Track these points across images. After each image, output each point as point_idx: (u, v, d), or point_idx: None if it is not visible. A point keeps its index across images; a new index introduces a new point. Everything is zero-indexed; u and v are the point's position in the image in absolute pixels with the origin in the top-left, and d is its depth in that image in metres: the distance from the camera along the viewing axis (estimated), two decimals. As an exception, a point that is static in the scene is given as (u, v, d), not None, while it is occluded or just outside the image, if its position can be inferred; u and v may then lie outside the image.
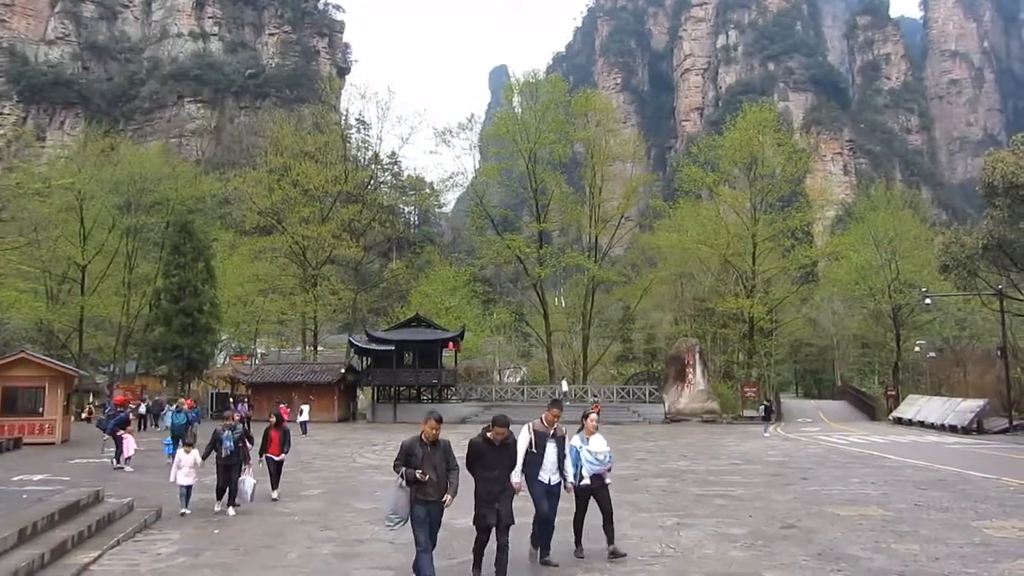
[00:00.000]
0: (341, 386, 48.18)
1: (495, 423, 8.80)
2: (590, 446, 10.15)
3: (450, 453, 8.45)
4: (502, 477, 8.80)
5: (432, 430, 8.23)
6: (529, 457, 9.51)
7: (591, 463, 10.07)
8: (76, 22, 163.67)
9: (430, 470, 8.13)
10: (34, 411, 28.98)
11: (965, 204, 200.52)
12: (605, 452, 10.23)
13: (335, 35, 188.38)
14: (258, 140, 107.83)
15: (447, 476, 8.35)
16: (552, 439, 9.72)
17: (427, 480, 8.09)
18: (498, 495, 8.69)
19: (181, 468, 13.78)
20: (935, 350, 59.01)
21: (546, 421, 9.82)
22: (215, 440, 14.09)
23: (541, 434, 9.70)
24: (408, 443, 8.31)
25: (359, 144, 78.56)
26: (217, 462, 14.07)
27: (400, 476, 8.12)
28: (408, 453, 8.22)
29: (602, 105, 66.92)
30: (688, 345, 50.14)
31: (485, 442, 8.77)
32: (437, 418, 8.29)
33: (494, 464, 8.73)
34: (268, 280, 60.06)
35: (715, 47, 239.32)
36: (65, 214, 49.79)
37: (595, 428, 10.41)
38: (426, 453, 8.20)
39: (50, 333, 51.95)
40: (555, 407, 9.99)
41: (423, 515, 8.18)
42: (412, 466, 8.11)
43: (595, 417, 10.63)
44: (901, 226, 57.45)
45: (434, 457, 8.24)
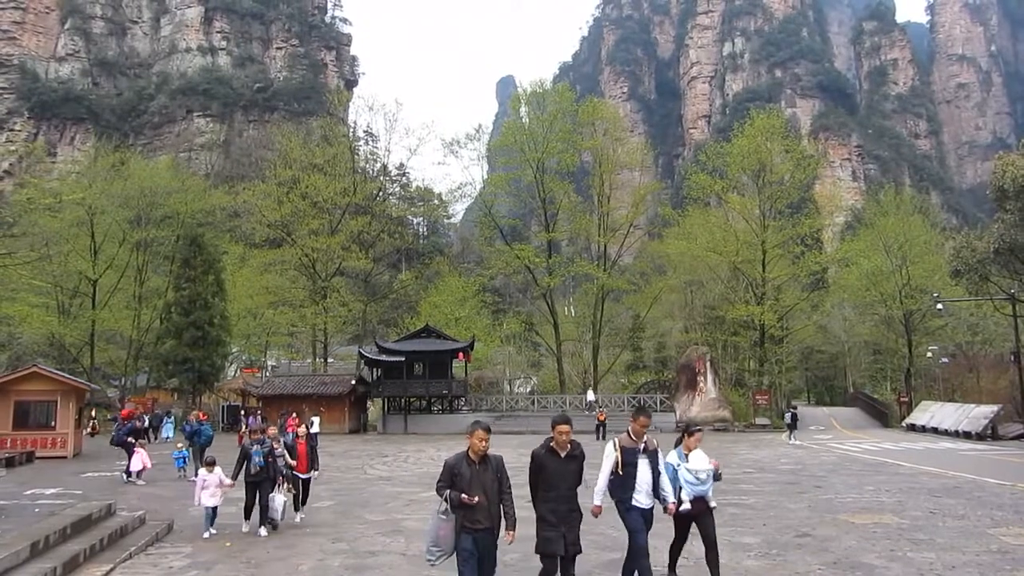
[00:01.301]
0: (351, 398, 48.19)
1: (558, 422, 7.56)
2: (690, 463, 8.90)
3: (503, 471, 7.24)
4: (569, 496, 7.53)
5: (481, 443, 7.06)
6: (617, 479, 8.21)
7: (691, 483, 8.79)
8: (86, 39, 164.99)
9: (479, 492, 6.94)
10: (46, 425, 29.05)
11: (975, 208, 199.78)
12: (707, 470, 8.90)
13: (342, 48, 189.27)
14: (267, 153, 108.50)
15: (500, 499, 7.13)
16: (644, 455, 8.29)
17: (476, 504, 6.90)
18: (565, 517, 7.44)
19: (206, 488, 12.97)
20: (947, 356, 58.68)
21: (634, 434, 8.35)
22: (244, 455, 13.27)
23: (630, 450, 8.28)
24: (453, 461, 7.14)
25: (367, 156, 79.16)
26: (245, 478, 13.21)
27: (444, 500, 6.98)
28: (453, 473, 7.05)
29: (609, 114, 66.96)
30: (699, 353, 49.98)
31: (549, 453, 7.56)
32: (485, 428, 7.15)
33: (559, 479, 7.50)
34: (278, 292, 60.18)
35: (721, 55, 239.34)
36: (76, 229, 50.06)
37: (697, 443, 9.13)
38: (474, 472, 7.02)
39: (62, 347, 52.16)
40: (642, 415, 8.51)
41: (471, 547, 6.94)
42: (458, 488, 6.95)
43: (700, 434, 9.31)
44: (911, 231, 57.22)
45: (484, 476, 7.05)
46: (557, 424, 7.54)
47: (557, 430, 7.50)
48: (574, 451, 7.56)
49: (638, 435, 8.36)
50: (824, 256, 63.07)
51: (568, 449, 7.51)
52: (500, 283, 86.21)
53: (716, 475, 9.02)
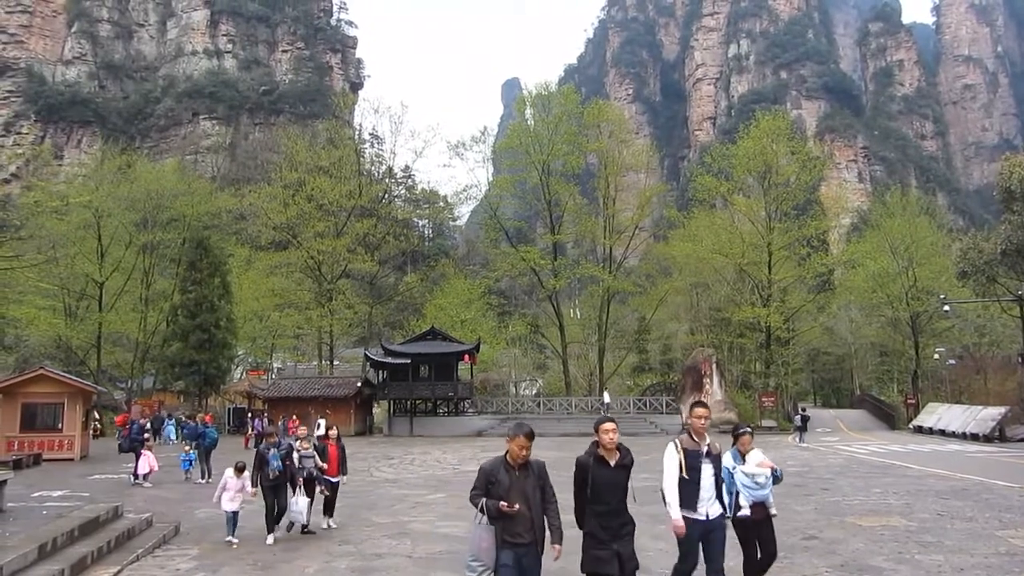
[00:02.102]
0: (357, 400, 48.23)
1: (602, 422, 6.86)
2: (747, 466, 8.18)
3: (546, 478, 6.57)
4: (620, 508, 6.83)
5: (521, 449, 6.40)
6: (682, 484, 7.33)
7: (750, 487, 8.08)
8: (93, 42, 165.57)
9: (520, 501, 6.31)
10: (53, 427, 29.14)
11: (982, 210, 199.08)
12: (766, 473, 8.14)
13: (348, 51, 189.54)
14: (272, 156, 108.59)
15: (543, 510, 6.49)
16: (707, 458, 7.43)
17: (516, 513, 6.26)
18: (617, 532, 6.74)
19: (227, 491, 12.60)
20: (955, 357, 58.55)
21: (695, 433, 7.48)
22: (260, 460, 12.86)
23: (693, 453, 7.38)
24: (489, 467, 6.50)
25: (373, 158, 79.03)
26: (263, 483, 12.79)
27: (480, 510, 6.37)
28: (489, 480, 6.41)
29: (614, 116, 66.91)
30: (705, 355, 49.87)
31: (597, 461, 6.82)
32: (527, 433, 6.43)
33: (610, 490, 6.78)
34: (284, 295, 60.26)
35: (727, 56, 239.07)
36: (83, 231, 50.19)
37: (749, 444, 8.41)
38: (514, 479, 6.39)
39: (68, 350, 52.29)
40: (699, 406, 7.58)
41: (511, 562, 6.30)
42: (496, 496, 6.33)
43: (748, 437, 8.49)
44: (917, 233, 57.06)
45: (525, 484, 6.41)
46: (601, 424, 6.85)
47: (602, 430, 6.79)
48: (624, 458, 6.87)
49: (699, 433, 7.47)
50: (830, 258, 62.91)
51: (618, 456, 6.83)
52: (506, 285, 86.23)
53: (776, 477, 8.33)
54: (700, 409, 7.50)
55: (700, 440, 7.42)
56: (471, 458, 29.53)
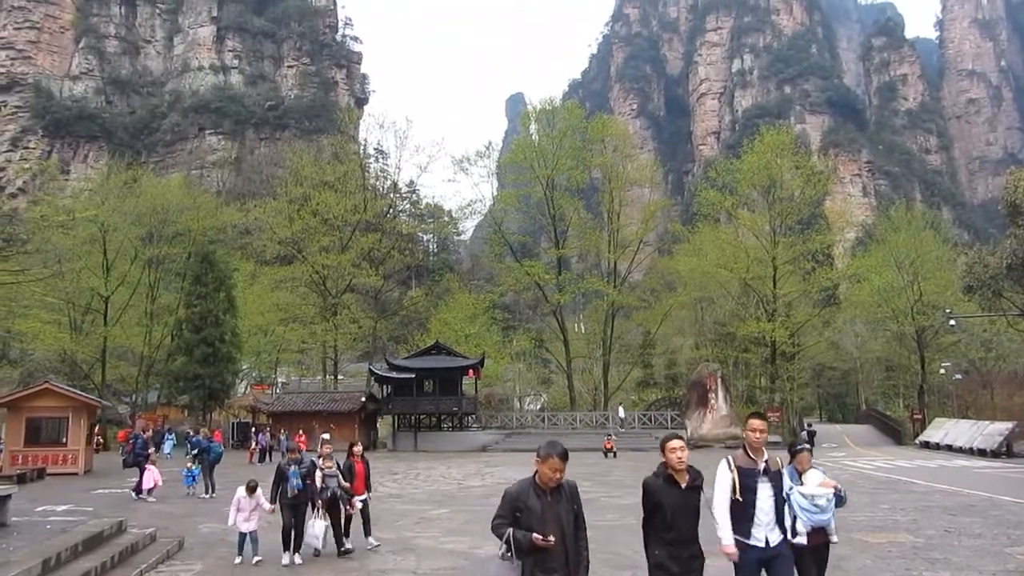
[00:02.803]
0: (361, 415, 48.16)
1: (669, 439, 6.17)
2: (805, 487, 7.25)
3: (579, 503, 5.70)
4: (691, 537, 6.07)
5: (554, 473, 5.45)
6: (735, 506, 6.50)
7: (808, 511, 7.12)
8: (100, 57, 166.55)
9: (554, 530, 5.34)
10: (58, 441, 29.14)
11: (987, 224, 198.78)
12: (827, 495, 7.23)
13: (353, 66, 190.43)
14: (278, 171, 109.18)
15: (576, 537, 5.58)
16: (765, 477, 6.56)
17: (550, 545, 5.28)
18: (688, 565, 6.03)
19: (241, 511, 12.00)
20: (961, 372, 58.26)
21: (751, 449, 6.59)
22: (280, 476, 12.23)
23: (748, 471, 6.54)
24: (516, 491, 5.53)
25: (378, 173, 79.46)
26: (282, 501, 12.14)
27: (504, 544, 5.34)
28: (517, 507, 5.44)
29: (619, 131, 67.10)
30: (710, 370, 49.79)
31: (667, 483, 6.11)
32: (561, 453, 5.47)
33: (681, 517, 6.03)
34: (289, 309, 60.32)
35: (730, 71, 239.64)
36: (88, 246, 50.33)
37: (808, 463, 7.52)
38: (546, 505, 5.44)
39: (73, 364, 52.34)
40: (755, 417, 6.71)
41: None
42: (525, 526, 5.34)
43: (806, 455, 7.57)
44: (923, 247, 56.95)
45: (558, 510, 5.47)
46: (668, 442, 6.14)
47: (669, 448, 6.09)
48: (695, 480, 6.12)
49: (755, 449, 6.58)
50: (835, 272, 62.75)
51: (688, 478, 6.09)
52: (510, 300, 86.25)
53: (840, 498, 7.40)
54: (756, 421, 6.60)
55: (757, 456, 6.56)
56: (475, 473, 29.44)
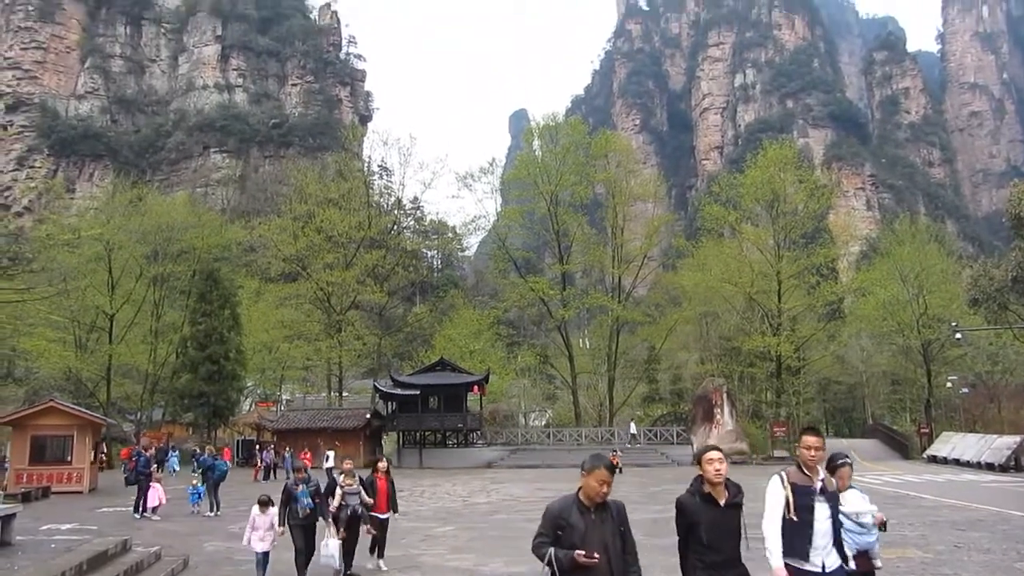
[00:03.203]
0: (366, 432, 48.06)
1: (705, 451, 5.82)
2: (847, 506, 6.70)
3: (626, 522, 5.27)
4: (734, 557, 5.70)
5: (602, 485, 5.10)
6: (789, 528, 5.93)
7: (853, 532, 6.69)
8: (105, 77, 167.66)
9: (599, 550, 5.00)
10: (62, 460, 29.10)
11: (992, 236, 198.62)
12: (871, 512, 6.91)
13: (357, 84, 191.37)
14: (282, 188, 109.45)
15: (624, 561, 5.18)
16: (822, 496, 6.01)
17: (596, 566, 4.96)
18: None
19: (256, 530, 11.58)
20: (968, 386, 57.99)
21: (806, 466, 6.05)
22: (287, 496, 11.88)
23: (803, 489, 5.99)
24: (558, 508, 5.17)
25: (382, 190, 79.80)
26: (291, 522, 11.80)
27: (547, 564, 5.01)
28: (559, 524, 5.08)
29: (622, 146, 67.25)
30: (715, 385, 49.63)
31: (704, 500, 5.70)
32: (608, 465, 5.18)
33: (721, 536, 5.64)
34: (293, 326, 60.38)
35: (733, 86, 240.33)
36: (94, 264, 50.47)
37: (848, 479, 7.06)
38: (590, 523, 5.08)
39: (78, 382, 52.37)
40: (810, 433, 6.16)
41: None
42: (567, 544, 5.02)
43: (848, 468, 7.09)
44: (927, 260, 56.86)
45: (603, 530, 5.11)
46: (705, 454, 5.77)
47: (706, 460, 5.71)
48: (735, 496, 5.74)
49: (811, 467, 6.04)
50: (840, 286, 62.69)
51: (728, 495, 5.71)
52: (514, 316, 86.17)
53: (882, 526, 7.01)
54: (811, 438, 6.04)
55: (812, 474, 6.04)
56: (481, 490, 29.33)
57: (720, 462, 5.69)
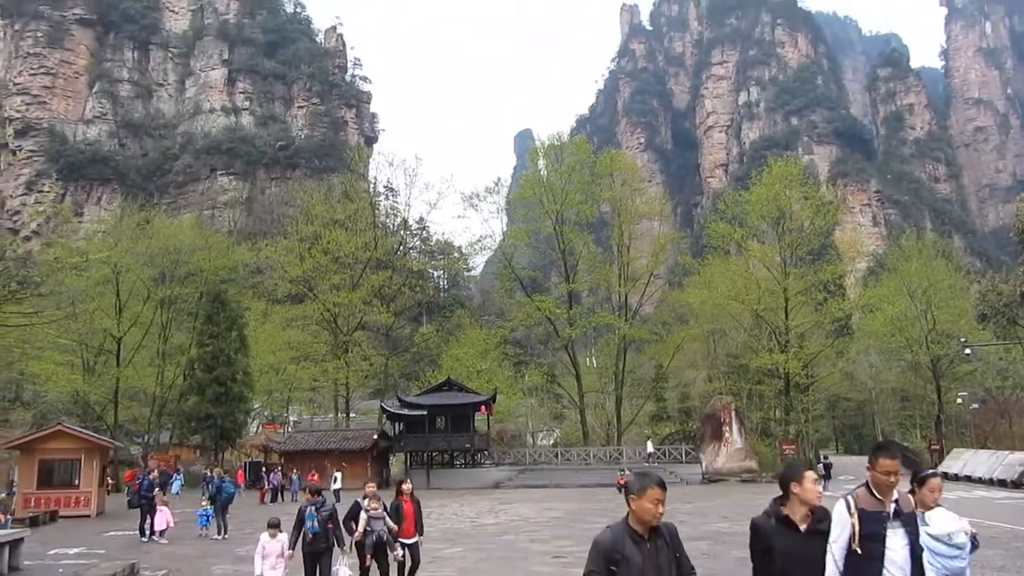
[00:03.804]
0: (374, 452, 47.97)
1: (801, 473, 5.10)
2: (935, 527, 5.72)
3: (681, 547, 4.71)
4: None
5: (657, 504, 4.53)
6: (854, 559, 5.09)
7: (942, 555, 5.65)
8: (113, 101, 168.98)
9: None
10: (70, 484, 29.07)
11: (999, 251, 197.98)
12: (962, 530, 5.78)
13: (362, 106, 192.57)
14: (289, 210, 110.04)
15: None
16: (897, 521, 5.24)
17: None
18: None
19: (266, 558, 10.86)
20: (978, 401, 57.64)
21: (877, 488, 5.25)
22: (299, 519, 11.35)
23: (873, 515, 5.18)
24: (609, 539, 4.49)
25: (388, 211, 79.91)
26: (302, 548, 11.28)
27: None
28: (612, 559, 4.43)
29: (627, 165, 67.45)
30: (723, 403, 49.46)
31: (781, 524, 5.05)
32: (659, 481, 4.64)
33: (796, 568, 4.98)
34: (300, 347, 60.42)
35: (737, 104, 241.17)
36: (101, 287, 50.64)
37: (936, 495, 5.87)
38: (646, 553, 4.49)
39: (86, 405, 52.40)
40: (883, 454, 5.30)
41: None
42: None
43: (936, 479, 5.94)
44: (935, 276, 56.66)
45: (659, 559, 4.53)
46: (802, 473, 5.11)
47: (806, 478, 5.07)
48: (820, 522, 5.08)
49: (883, 489, 5.25)
50: (847, 302, 62.49)
51: (811, 519, 5.05)
52: (521, 335, 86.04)
53: (975, 544, 5.98)
54: (888, 461, 5.23)
55: (885, 497, 5.24)
56: (488, 511, 29.18)
57: (815, 481, 5.11)
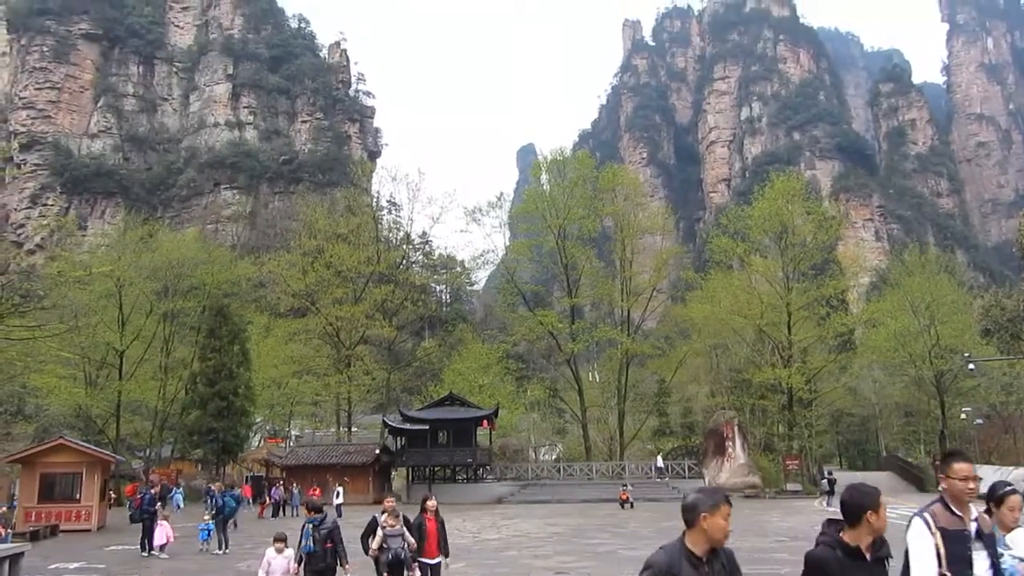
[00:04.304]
0: (376, 467, 47.84)
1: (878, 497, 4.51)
2: (1018, 549, 5.33)
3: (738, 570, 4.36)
4: None
5: (727, 522, 4.13)
6: None
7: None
8: (118, 115, 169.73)
9: None
10: (71, 498, 28.99)
11: (1002, 266, 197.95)
12: None
13: (366, 120, 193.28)
14: (292, 224, 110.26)
15: None
16: (980, 542, 4.86)
17: None
18: None
19: (272, 574, 10.49)
20: (982, 417, 57.40)
21: (955, 501, 4.86)
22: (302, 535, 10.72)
23: (956, 535, 4.77)
24: (665, 562, 4.09)
25: (391, 225, 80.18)
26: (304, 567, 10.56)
27: None
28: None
29: (629, 179, 67.58)
30: (726, 418, 49.33)
31: (846, 554, 4.46)
32: (727, 497, 4.26)
33: None
34: (302, 362, 60.39)
35: (739, 119, 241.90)
36: (104, 300, 50.65)
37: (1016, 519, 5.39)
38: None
39: (88, 418, 52.34)
40: (957, 459, 4.97)
41: None
42: None
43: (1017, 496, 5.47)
44: (938, 290, 56.50)
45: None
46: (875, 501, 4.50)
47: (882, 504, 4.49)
48: (879, 549, 4.56)
49: (961, 500, 4.83)
50: (850, 317, 62.38)
51: (874, 548, 4.53)
52: (523, 349, 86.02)
53: None
54: (962, 465, 4.86)
55: (964, 513, 4.81)
56: (491, 526, 29.04)
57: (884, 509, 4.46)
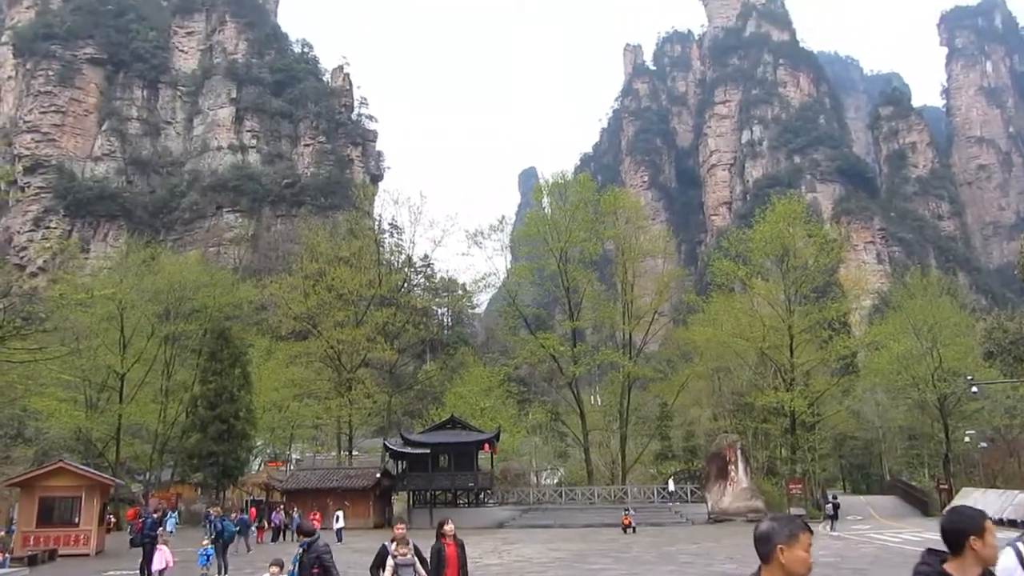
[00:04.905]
0: (376, 491, 47.60)
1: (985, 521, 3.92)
2: None
3: None
4: None
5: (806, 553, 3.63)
6: None
7: None
8: (122, 139, 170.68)
9: None
10: (70, 522, 28.80)
11: (1004, 288, 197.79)
12: None
13: (368, 144, 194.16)
14: (294, 247, 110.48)
15: None
16: None
17: None
18: None
19: None
20: (986, 440, 57.12)
21: None
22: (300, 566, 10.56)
23: None
24: None
25: (392, 248, 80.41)
26: None
27: None
28: None
29: (631, 203, 67.76)
30: (729, 441, 49.05)
31: None
32: (807, 525, 3.78)
33: None
34: (303, 385, 60.25)
35: (740, 142, 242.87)
36: (106, 323, 50.66)
37: None
38: None
39: (88, 441, 52.14)
40: None
41: None
42: None
43: None
44: (940, 313, 56.38)
45: None
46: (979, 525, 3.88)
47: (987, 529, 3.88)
48: None
49: None
50: (853, 340, 62.23)
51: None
52: (525, 373, 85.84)
53: None
54: None
55: None
56: (492, 551, 28.84)
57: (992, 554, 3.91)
